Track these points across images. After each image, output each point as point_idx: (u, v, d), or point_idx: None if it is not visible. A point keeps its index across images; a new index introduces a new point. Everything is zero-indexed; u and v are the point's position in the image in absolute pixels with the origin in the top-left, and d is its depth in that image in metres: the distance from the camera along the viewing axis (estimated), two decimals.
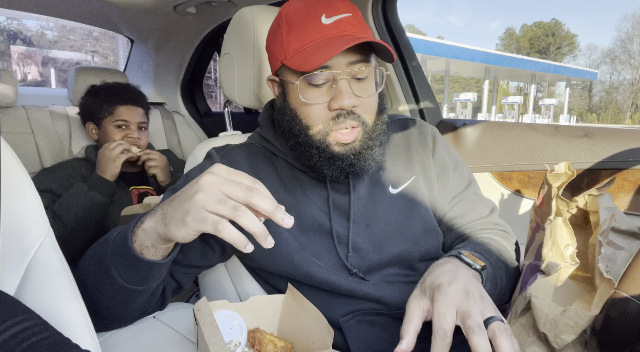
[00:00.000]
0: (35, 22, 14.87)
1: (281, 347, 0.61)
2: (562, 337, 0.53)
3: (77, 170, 1.35)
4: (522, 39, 46.22)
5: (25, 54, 16.35)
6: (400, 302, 0.70)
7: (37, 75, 15.87)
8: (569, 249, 0.59)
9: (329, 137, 0.67)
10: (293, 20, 0.67)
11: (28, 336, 0.43)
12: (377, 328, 0.70)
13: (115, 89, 1.43)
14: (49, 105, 1.62)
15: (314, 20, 0.65)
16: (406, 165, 0.79)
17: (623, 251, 0.59)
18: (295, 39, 0.66)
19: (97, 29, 2.17)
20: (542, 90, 41.43)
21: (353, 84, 0.66)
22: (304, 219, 0.72)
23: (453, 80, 40.59)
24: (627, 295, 0.45)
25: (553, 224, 0.61)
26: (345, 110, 0.65)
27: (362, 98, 0.67)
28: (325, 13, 0.65)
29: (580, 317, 0.52)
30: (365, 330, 0.70)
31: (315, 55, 0.63)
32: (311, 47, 0.64)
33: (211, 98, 11.07)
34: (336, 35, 0.64)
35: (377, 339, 0.69)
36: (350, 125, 0.66)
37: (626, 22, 42.26)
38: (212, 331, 0.50)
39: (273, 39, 0.70)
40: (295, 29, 0.66)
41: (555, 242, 0.60)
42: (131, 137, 1.39)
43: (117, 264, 0.55)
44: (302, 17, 0.66)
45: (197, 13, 1.65)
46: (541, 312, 0.55)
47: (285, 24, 0.68)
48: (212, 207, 0.46)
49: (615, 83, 40.52)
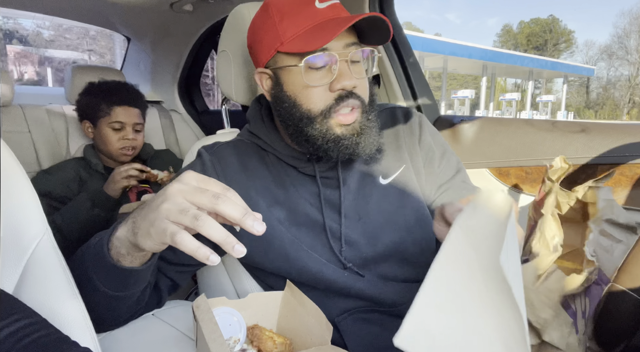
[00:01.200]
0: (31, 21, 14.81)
1: (280, 343, 0.61)
2: (541, 315, 0.54)
3: (76, 172, 1.34)
4: (519, 35, 46.24)
5: (21, 53, 16.28)
6: (395, 301, 0.71)
7: (34, 75, 15.80)
8: (555, 239, 0.60)
9: (331, 120, 0.68)
10: (285, 8, 0.67)
11: (27, 333, 0.43)
12: (374, 325, 0.71)
13: (114, 88, 1.42)
14: (45, 104, 1.62)
15: (308, 5, 0.66)
16: (395, 155, 0.79)
17: (621, 244, 0.60)
18: (290, 25, 0.66)
19: (93, 27, 2.17)
20: (540, 86, 41.48)
21: (350, 66, 0.67)
22: (297, 214, 0.72)
23: (451, 77, 40.58)
24: (624, 288, 0.45)
25: (543, 217, 0.62)
26: (346, 91, 0.67)
27: (359, 80, 0.68)
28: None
29: (550, 292, 0.52)
30: (361, 327, 0.70)
31: (316, 36, 0.64)
32: (311, 30, 0.65)
33: (209, 97, 11.05)
34: (332, 18, 0.66)
35: (374, 336, 0.70)
36: (351, 105, 0.67)
37: (623, 18, 42.30)
38: (211, 328, 0.50)
39: (262, 30, 0.70)
40: (289, 15, 0.67)
41: (543, 234, 0.61)
42: (127, 139, 1.39)
43: (97, 272, 0.55)
44: (295, 4, 0.67)
45: (194, 11, 1.64)
46: None
47: (276, 13, 0.68)
48: (174, 217, 0.44)
49: (612, 79, 40.62)
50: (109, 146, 1.38)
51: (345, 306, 0.71)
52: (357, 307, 0.71)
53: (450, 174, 0.81)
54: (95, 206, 1.24)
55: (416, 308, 0.38)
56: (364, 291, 0.70)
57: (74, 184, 1.31)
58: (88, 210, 1.23)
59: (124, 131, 1.39)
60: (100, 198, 1.25)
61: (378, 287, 0.71)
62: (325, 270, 0.69)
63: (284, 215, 0.72)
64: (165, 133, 1.90)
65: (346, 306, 0.71)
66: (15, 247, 0.51)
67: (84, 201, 1.24)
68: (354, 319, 0.70)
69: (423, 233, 0.75)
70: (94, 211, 1.24)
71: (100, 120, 1.38)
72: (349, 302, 0.71)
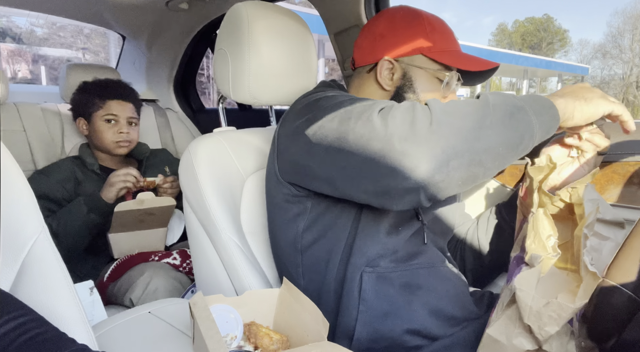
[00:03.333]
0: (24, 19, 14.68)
1: (277, 340, 0.62)
2: (546, 329, 0.54)
3: (72, 173, 1.34)
4: (514, 34, 46.37)
5: (15, 51, 16.13)
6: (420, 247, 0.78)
7: (28, 73, 15.67)
8: (551, 240, 0.60)
9: None
10: (435, 24, 0.80)
11: (24, 331, 0.43)
12: (393, 288, 0.72)
13: (107, 84, 1.42)
14: (40, 102, 1.61)
15: (452, 33, 0.81)
16: None
17: (609, 241, 0.60)
18: (442, 40, 0.79)
19: (87, 25, 2.15)
20: (535, 85, 41.61)
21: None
22: None
23: None
24: (615, 283, 0.46)
25: (535, 216, 0.62)
26: None
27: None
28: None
29: (562, 310, 0.52)
30: (381, 285, 0.71)
31: (471, 61, 0.78)
32: (460, 54, 0.79)
33: (204, 95, 11.01)
34: (470, 56, 0.79)
35: (388, 298, 0.71)
36: None
37: (617, 17, 42.58)
38: (208, 325, 0.50)
39: (407, 30, 0.80)
40: (440, 32, 0.80)
41: (538, 233, 0.61)
42: (121, 132, 1.38)
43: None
44: (443, 25, 0.81)
45: (190, 9, 1.64)
46: (525, 304, 0.56)
47: (427, 25, 0.79)
48: None
49: (606, 78, 40.83)
50: (104, 140, 1.38)
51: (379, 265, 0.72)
52: (386, 267, 0.72)
53: None
54: (91, 211, 1.23)
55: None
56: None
57: (69, 184, 1.31)
58: (84, 215, 1.23)
59: (118, 125, 1.39)
60: (96, 203, 1.25)
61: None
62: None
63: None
64: (161, 132, 1.90)
65: (375, 260, 0.72)
66: (12, 245, 0.51)
67: (79, 206, 1.23)
68: (377, 275, 0.71)
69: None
70: (89, 216, 1.23)
71: (94, 114, 1.38)
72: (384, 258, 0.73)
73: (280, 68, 0.90)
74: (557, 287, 0.60)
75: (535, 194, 0.66)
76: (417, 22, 0.80)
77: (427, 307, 0.71)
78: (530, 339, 0.56)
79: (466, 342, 0.70)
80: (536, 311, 0.55)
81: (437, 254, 0.79)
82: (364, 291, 0.70)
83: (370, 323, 0.70)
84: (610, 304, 0.47)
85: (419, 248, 0.77)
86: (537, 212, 0.62)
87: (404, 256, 0.74)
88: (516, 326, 0.58)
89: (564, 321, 0.52)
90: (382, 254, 0.72)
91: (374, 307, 0.70)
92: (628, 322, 0.45)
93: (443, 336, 0.71)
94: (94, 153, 1.44)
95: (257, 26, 0.87)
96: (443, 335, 0.71)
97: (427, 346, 0.70)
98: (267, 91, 0.91)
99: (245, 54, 0.88)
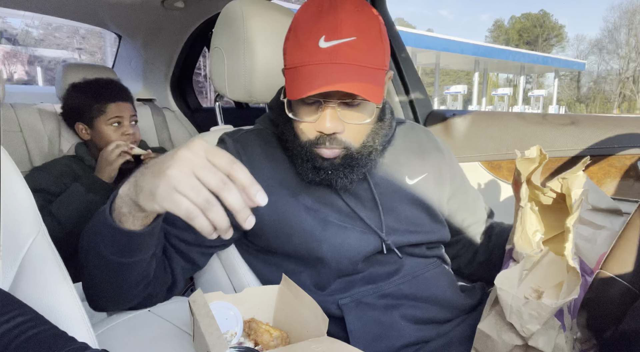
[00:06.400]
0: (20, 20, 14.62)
1: (277, 336, 0.62)
2: (528, 326, 0.54)
3: (69, 168, 1.33)
4: (510, 30, 46.39)
5: (10, 53, 16.07)
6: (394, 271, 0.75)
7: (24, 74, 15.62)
8: (537, 236, 0.60)
9: (313, 149, 0.69)
10: (297, 31, 0.66)
11: (24, 330, 0.43)
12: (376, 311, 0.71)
13: (100, 85, 1.40)
14: (36, 103, 1.60)
15: (311, 40, 0.64)
16: (419, 163, 0.83)
17: (604, 230, 0.60)
18: (292, 53, 0.66)
19: (83, 26, 2.15)
20: (531, 81, 41.70)
21: (341, 110, 0.66)
22: (326, 202, 0.74)
23: (443, 73, 40.65)
24: (612, 274, 0.46)
25: (523, 210, 0.62)
26: (325, 134, 0.67)
27: (350, 124, 0.67)
28: (326, 35, 0.63)
29: (542, 309, 0.53)
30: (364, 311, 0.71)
31: (301, 83, 0.63)
32: (302, 71, 0.64)
33: (201, 94, 10.99)
34: (327, 62, 0.63)
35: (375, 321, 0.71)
36: (331, 147, 0.68)
37: (613, 12, 42.65)
38: (208, 322, 0.51)
39: (286, 35, 0.70)
40: (294, 42, 0.66)
41: (524, 229, 0.61)
42: (128, 134, 1.38)
43: (102, 236, 0.55)
44: (305, 32, 0.65)
45: (185, 7, 1.63)
46: (506, 303, 0.56)
47: (292, 30, 0.68)
48: (185, 191, 0.44)
49: (603, 73, 40.90)
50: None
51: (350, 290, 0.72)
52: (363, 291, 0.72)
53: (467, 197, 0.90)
54: (89, 191, 1.23)
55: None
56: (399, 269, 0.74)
57: (67, 179, 1.31)
58: (82, 196, 1.22)
59: (123, 127, 1.38)
60: (94, 184, 1.24)
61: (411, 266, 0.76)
62: (364, 245, 0.71)
63: (311, 202, 0.73)
64: (158, 131, 1.89)
65: (350, 290, 0.72)
66: (10, 244, 0.51)
67: (77, 188, 1.23)
68: (357, 303, 0.71)
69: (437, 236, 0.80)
70: (88, 196, 1.22)
71: (97, 120, 1.36)
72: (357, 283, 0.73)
73: (276, 65, 0.90)
74: (555, 276, 0.59)
75: (524, 188, 0.65)
76: (292, 23, 0.69)
77: (414, 319, 0.71)
78: (518, 334, 0.57)
79: (462, 337, 0.71)
80: (517, 310, 0.55)
81: (417, 263, 0.78)
82: (349, 323, 0.69)
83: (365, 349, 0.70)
84: (608, 295, 0.47)
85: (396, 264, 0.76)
86: (525, 206, 0.62)
87: (382, 275, 0.74)
88: (504, 322, 0.58)
89: (545, 319, 0.53)
90: (352, 281, 0.73)
91: (362, 336, 0.69)
92: (625, 312, 0.46)
93: (437, 336, 0.72)
94: (94, 153, 1.43)
95: (253, 24, 0.87)
96: (436, 336, 0.72)
97: (425, 345, 0.71)
98: (263, 89, 0.90)
99: (240, 51, 0.88)
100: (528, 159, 0.66)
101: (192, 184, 0.44)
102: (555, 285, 0.57)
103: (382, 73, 0.67)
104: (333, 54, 0.63)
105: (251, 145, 0.76)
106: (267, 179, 0.73)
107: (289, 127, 0.72)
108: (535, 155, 0.66)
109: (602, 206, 0.63)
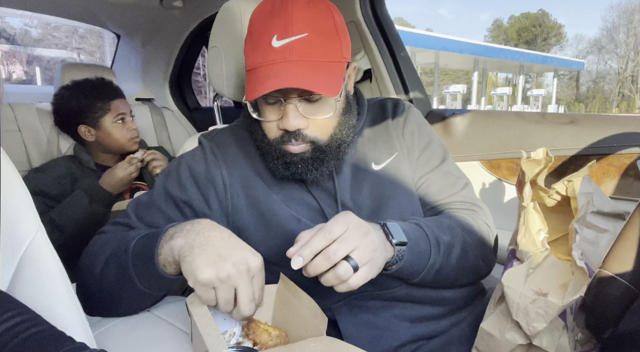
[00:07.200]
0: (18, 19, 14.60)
1: (275, 335, 0.62)
2: (534, 325, 0.54)
3: (68, 169, 1.33)
4: (509, 30, 46.41)
5: (9, 52, 16.06)
6: (389, 283, 0.71)
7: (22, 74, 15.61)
8: (541, 235, 0.60)
9: (281, 146, 0.69)
10: (252, 32, 0.67)
11: (22, 330, 0.43)
12: (368, 313, 0.71)
13: (96, 85, 1.40)
14: (35, 103, 1.60)
15: (265, 40, 0.64)
16: (387, 143, 0.80)
17: (607, 234, 0.60)
18: (249, 54, 0.67)
19: (82, 25, 2.14)
20: (531, 81, 41.73)
21: (303, 106, 0.66)
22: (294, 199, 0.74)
23: (442, 72, 40.67)
24: (612, 274, 0.46)
25: (526, 210, 0.62)
26: (290, 131, 0.67)
27: (313, 119, 0.68)
28: (277, 34, 0.64)
29: (549, 307, 0.53)
30: (357, 314, 0.71)
31: (256, 83, 0.64)
32: (258, 71, 0.65)
33: (200, 94, 10.99)
34: (280, 61, 0.63)
35: (368, 323, 0.70)
36: (297, 144, 0.68)
37: (612, 12, 42.67)
38: (205, 322, 0.50)
39: (245, 37, 0.70)
40: (250, 44, 0.67)
41: (528, 228, 0.61)
42: (133, 129, 1.41)
43: (140, 274, 0.59)
44: (259, 32, 0.66)
45: (184, 7, 1.63)
46: (513, 301, 0.56)
47: (249, 32, 0.69)
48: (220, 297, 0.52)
49: (602, 73, 40.94)
50: (119, 140, 1.39)
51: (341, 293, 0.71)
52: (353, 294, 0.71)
53: (433, 165, 0.81)
54: (92, 202, 1.24)
55: None
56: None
57: (66, 180, 1.31)
58: (86, 206, 1.23)
59: (127, 122, 1.40)
60: (98, 194, 1.25)
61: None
62: None
63: (282, 198, 0.73)
64: (157, 130, 1.89)
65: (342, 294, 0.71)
66: (8, 244, 0.51)
67: (80, 197, 1.23)
68: (349, 307, 0.71)
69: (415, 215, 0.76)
70: (91, 206, 1.23)
71: (102, 119, 1.36)
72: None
73: None
74: (557, 278, 0.59)
75: (527, 188, 0.65)
76: (250, 23, 0.69)
77: (409, 318, 0.71)
78: (521, 334, 0.57)
79: (462, 337, 0.71)
80: (524, 307, 0.55)
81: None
82: (343, 328, 0.69)
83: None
84: (607, 294, 0.47)
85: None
86: (528, 206, 0.62)
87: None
88: (508, 321, 0.58)
89: (551, 317, 0.53)
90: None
91: (358, 340, 0.69)
92: (625, 312, 0.45)
93: (435, 332, 0.71)
94: (95, 153, 1.43)
95: None
96: (434, 332, 0.71)
97: (425, 344, 0.70)
98: None
99: (239, 50, 0.88)
100: (534, 160, 0.66)
101: (228, 299, 0.53)
102: (560, 286, 0.57)
103: (339, 65, 0.66)
104: (285, 52, 0.63)
105: (226, 142, 0.78)
106: (244, 172, 0.75)
107: (256, 127, 0.73)
108: (541, 157, 0.66)
109: (605, 210, 0.63)
